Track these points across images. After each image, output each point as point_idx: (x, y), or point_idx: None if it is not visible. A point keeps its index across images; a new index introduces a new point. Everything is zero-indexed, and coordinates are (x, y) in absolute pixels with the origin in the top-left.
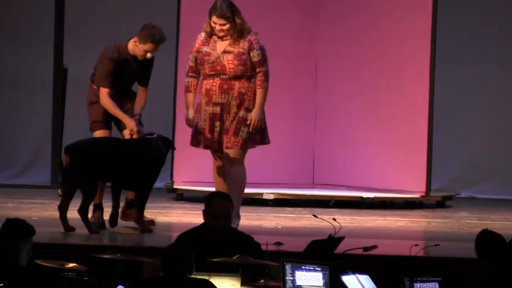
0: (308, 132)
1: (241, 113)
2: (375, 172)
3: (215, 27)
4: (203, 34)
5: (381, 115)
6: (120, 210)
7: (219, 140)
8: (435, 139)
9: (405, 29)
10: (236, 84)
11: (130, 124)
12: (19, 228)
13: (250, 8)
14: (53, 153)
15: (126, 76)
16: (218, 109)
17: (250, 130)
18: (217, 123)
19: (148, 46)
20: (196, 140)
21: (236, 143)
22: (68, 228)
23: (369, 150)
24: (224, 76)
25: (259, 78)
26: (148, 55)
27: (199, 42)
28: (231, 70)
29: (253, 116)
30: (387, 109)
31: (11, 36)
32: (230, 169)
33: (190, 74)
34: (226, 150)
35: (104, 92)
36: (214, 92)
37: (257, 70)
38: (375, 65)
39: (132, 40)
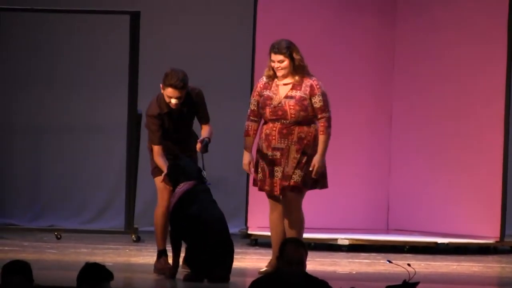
0: (383, 177)
1: (299, 157)
2: (449, 217)
3: (274, 66)
4: (264, 78)
5: (454, 160)
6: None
7: (280, 185)
8: (509, 183)
9: (478, 75)
10: (296, 129)
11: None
12: (98, 273)
13: (326, 49)
14: (127, 198)
15: (175, 125)
16: (278, 154)
17: (313, 176)
18: (277, 168)
19: (168, 91)
20: (260, 184)
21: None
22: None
23: (443, 195)
24: (284, 121)
25: (322, 124)
26: (172, 101)
27: (261, 85)
28: (293, 115)
29: (315, 162)
30: (460, 154)
31: (85, 81)
32: (287, 215)
33: (251, 118)
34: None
35: (155, 150)
36: (273, 137)
37: (319, 116)
38: (449, 111)
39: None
